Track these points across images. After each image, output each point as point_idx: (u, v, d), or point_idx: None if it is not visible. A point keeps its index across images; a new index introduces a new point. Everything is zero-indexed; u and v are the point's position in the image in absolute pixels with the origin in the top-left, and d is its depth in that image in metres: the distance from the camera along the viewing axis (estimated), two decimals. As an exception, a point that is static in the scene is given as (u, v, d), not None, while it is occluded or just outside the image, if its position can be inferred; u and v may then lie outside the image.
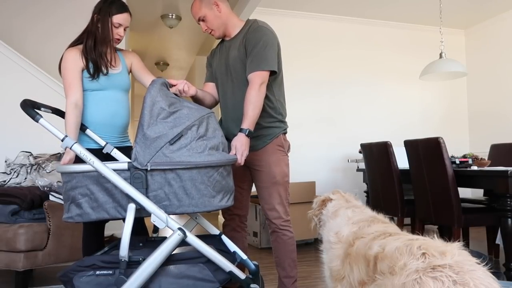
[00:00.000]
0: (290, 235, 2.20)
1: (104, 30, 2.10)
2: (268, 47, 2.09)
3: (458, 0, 4.93)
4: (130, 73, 2.33)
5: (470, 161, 3.12)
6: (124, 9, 2.15)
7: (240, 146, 1.93)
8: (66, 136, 1.66)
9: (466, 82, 5.95)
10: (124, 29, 2.17)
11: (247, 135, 1.96)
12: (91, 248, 2.10)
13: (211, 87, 2.34)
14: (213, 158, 1.64)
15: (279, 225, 2.18)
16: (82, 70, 2.08)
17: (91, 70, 2.07)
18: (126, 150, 2.20)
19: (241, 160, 1.93)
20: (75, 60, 2.06)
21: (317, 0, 4.89)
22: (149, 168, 1.57)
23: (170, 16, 5.50)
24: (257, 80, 2.03)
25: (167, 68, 8.27)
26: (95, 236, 2.17)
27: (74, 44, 2.16)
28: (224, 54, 2.23)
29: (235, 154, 1.92)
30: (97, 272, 1.54)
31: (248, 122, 1.98)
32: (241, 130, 1.98)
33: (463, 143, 5.88)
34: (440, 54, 4.01)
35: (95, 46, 2.08)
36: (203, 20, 2.17)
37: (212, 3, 2.13)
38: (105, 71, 2.10)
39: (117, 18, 2.12)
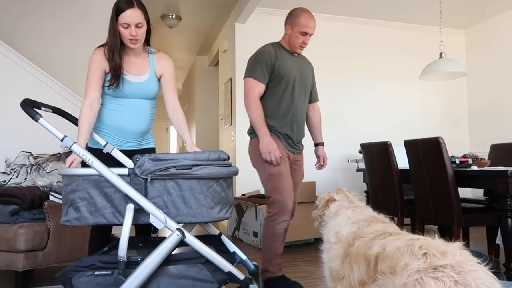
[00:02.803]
0: None
1: (110, 36, 1.97)
2: None
3: (458, 0, 4.92)
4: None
5: (470, 161, 3.12)
6: (127, 5, 1.93)
7: (325, 155, 2.81)
8: (65, 136, 1.66)
9: (466, 82, 5.95)
10: (138, 27, 1.95)
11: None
12: (98, 246, 2.07)
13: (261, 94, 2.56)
14: (214, 170, 1.64)
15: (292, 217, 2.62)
16: (106, 72, 2.01)
17: (110, 80, 2.00)
18: (144, 152, 2.12)
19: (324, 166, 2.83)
20: (99, 61, 1.99)
21: (317, 0, 4.89)
22: (149, 179, 1.59)
23: (170, 16, 5.49)
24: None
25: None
26: (102, 235, 2.14)
27: (101, 45, 2.07)
28: (298, 67, 2.62)
29: (323, 163, 2.79)
30: (96, 272, 1.54)
31: (322, 138, 2.85)
32: (322, 144, 2.82)
33: (463, 143, 5.87)
34: (440, 54, 4.01)
35: (107, 55, 1.99)
36: (310, 36, 2.58)
37: None
38: (118, 81, 1.99)
39: (122, 18, 1.93)
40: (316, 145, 2.84)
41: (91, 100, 1.97)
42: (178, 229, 1.61)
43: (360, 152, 4.04)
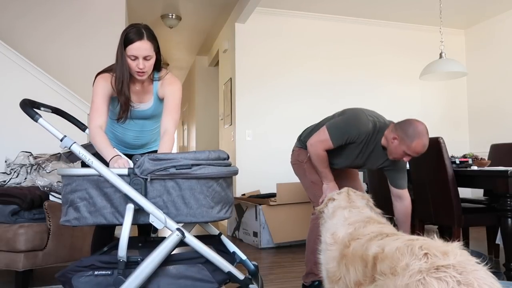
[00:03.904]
0: None
1: (119, 66, 1.89)
2: None
3: (458, 0, 4.92)
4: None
5: (470, 161, 3.11)
6: (137, 36, 1.83)
7: None
8: (65, 136, 1.65)
9: (466, 82, 5.95)
10: (146, 59, 1.86)
11: None
12: (101, 246, 2.07)
13: None
14: (214, 170, 1.64)
15: None
16: (111, 96, 1.95)
17: (118, 113, 1.95)
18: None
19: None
20: (106, 87, 1.91)
21: (317, 0, 4.89)
22: (149, 179, 1.58)
23: (170, 16, 5.49)
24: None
25: (167, 68, 8.26)
26: (106, 234, 2.14)
27: (105, 70, 2.00)
28: (372, 157, 2.41)
29: None
30: (96, 273, 1.54)
31: None
32: None
33: (463, 143, 5.87)
34: (440, 54, 4.01)
35: (115, 86, 1.92)
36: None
37: None
38: (127, 114, 1.95)
39: (130, 50, 1.83)
40: None
41: (100, 123, 1.88)
42: (178, 229, 1.61)
43: (360, 152, 4.03)
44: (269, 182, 4.97)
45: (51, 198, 2.73)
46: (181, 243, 1.63)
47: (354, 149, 2.39)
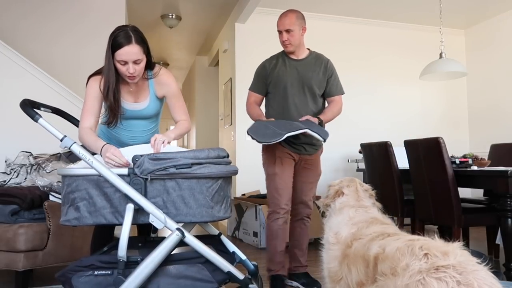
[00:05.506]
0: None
1: (105, 70, 1.87)
2: None
3: (458, 0, 4.92)
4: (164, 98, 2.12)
5: (470, 161, 3.11)
6: (125, 40, 1.79)
7: (310, 117, 2.53)
8: (65, 136, 1.65)
9: (466, 82, 5.95)
10: (136, 63, 1.84)
11: (319, 122, 2.55)
12: (101, 245, 2.06)
13: (260, 101, 2.81)
14: (213, 169, 1.64)
15: (309, 214, 2.74)
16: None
17: (107, 117, 1.95)
18: None
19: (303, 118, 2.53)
20: (97, 91, 1.91)
21: (317, 0, 4.89)
22: (149, 179, 1.58)
23: (170, 16, 5.49)
24: (341, 101, 2.81)
25: (167, 68, 8.27)
26: (105, 234, 2.14)
27: (97, 73, 1.98)
28: (295, 71, 2.68)
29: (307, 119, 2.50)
30: (96, 272, 1.54)
31: (324, 118, 2.61)
32: (320, 120, 2.57)
33: (463, 143, 5.87)
34: (440, 54, 4.01)
35: (102, 91, 1.91)
36: (288, 32, 2.63)
37: (302, 24, 2.70)
38: (116, 119, 1.94)
39: (119, 55, 1.80)
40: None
41: (90, 124, 1.88)
42: (177, 229, 1.61)
43: (360, 152, 4.03)
44: (269, 182, 4.97)
45: (51, 198, 2.73)
46: (181, 243, 1.63)
47: (280, 80, 2.66)
